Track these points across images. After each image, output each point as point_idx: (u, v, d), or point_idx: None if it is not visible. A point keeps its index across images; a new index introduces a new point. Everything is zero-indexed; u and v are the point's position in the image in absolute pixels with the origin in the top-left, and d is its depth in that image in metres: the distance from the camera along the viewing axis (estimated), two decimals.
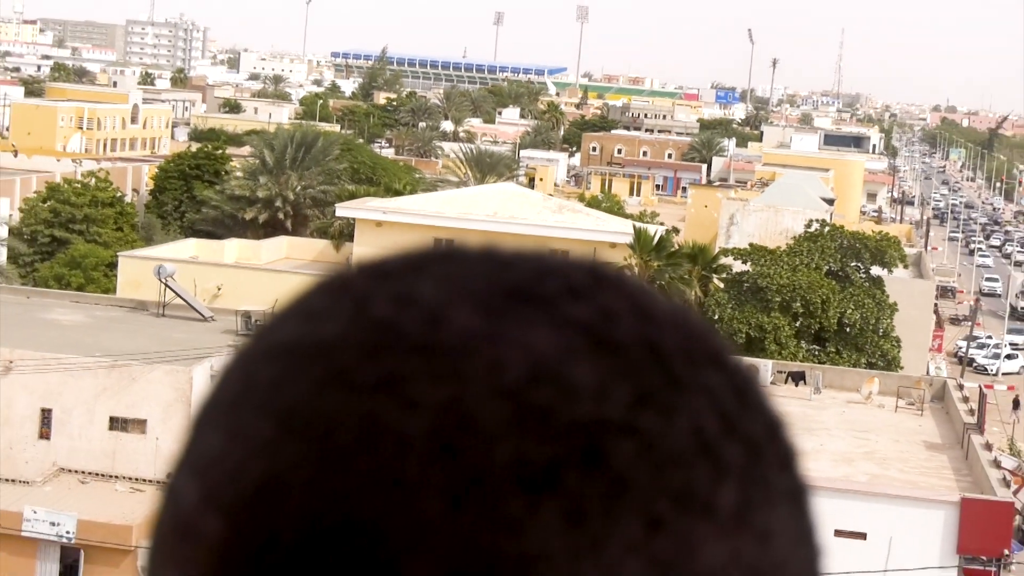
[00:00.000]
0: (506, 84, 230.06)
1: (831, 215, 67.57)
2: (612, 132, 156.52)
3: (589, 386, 0.66)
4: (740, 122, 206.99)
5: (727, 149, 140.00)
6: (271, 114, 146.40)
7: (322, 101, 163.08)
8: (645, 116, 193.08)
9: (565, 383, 0.66)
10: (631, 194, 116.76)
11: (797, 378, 42.06)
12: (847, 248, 51.90)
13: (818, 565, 0.71)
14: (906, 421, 39.19)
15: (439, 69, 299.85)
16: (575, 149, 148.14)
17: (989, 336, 78.42)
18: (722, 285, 51.10)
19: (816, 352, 48.23)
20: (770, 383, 40.52)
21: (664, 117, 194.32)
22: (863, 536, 30.69)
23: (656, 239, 53.82)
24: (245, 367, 0.71)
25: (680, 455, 0.66)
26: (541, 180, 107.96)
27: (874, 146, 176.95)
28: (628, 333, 0.68)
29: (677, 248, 54.98)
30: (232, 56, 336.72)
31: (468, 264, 0.71)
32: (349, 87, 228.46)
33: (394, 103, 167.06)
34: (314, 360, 0.68)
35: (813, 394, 40.81)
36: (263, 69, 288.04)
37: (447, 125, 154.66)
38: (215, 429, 0.70)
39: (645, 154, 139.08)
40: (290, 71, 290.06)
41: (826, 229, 53.19)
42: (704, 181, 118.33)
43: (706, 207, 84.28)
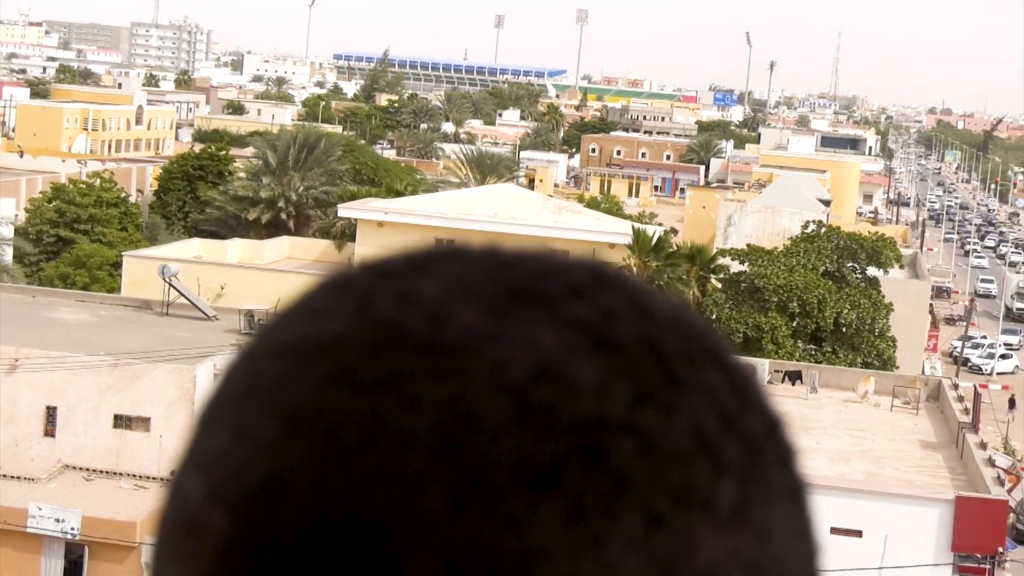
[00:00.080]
0: (506, 86, 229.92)
1: (828, 216, 67.51)
2: (611, 134, 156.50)
3: (590, 385, 0.66)
4: (738, 124, 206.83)
5: (725, 151, 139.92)
6: (274, 115, 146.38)
7: (324, 103, 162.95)
8: (644, 118, 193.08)
9: (566, 382, 0.66)
10: (630, 195, 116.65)
11: (794, 377, 42.06)
12: (843, 249, 51.86)
13: (816, 561, 0.71)
14: (902, 420, 39.17)
15: (440, 71, 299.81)
16: (574, 151, 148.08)
17: (984, 336, 78.36)
18: (720, 285, 51.05)
19: (813, 352, 48.20)
20: (767, 382, 40.50)
21: (663, 119, 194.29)
22: (859, 534, 30.68)
23: (655, 240, 53.78)
24: (250, 365, 0.71)
25: (680, 453, 0.66)
26: (541, 181, 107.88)
27: (870, 148, 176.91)
28: (629, 332, 0.68)
29: (675, 249, 54.91)
30: (236, 58, 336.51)
31: (470, 263, 0.71)
32: (351, 89, 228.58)
33: (396, 105, 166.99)
34: (318, 358, 0.68)
35: (810, 393, 40.79)
36: (266, 71, 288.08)
37: (448, 127, 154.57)
38: (220, 427, 0.70)
39: (644, 156, 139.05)
40: (293, 73, 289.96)
41: (823, 230, 53.15)
42: (702, 182, 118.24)
43: (704, 208, 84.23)
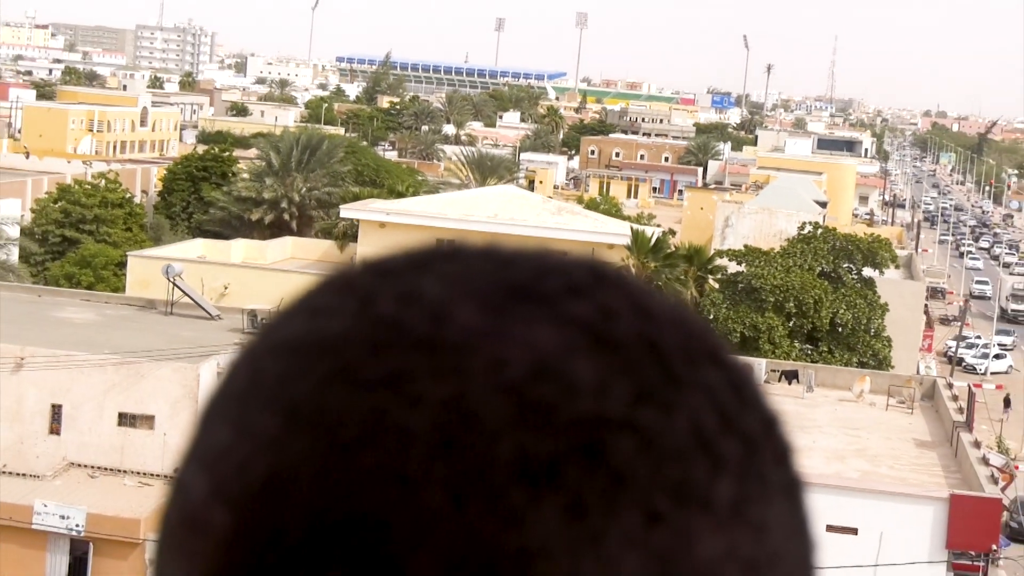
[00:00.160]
0: (507, 89, 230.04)
1: (824, 217, 67.52)
2: (610, 136, 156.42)
3: (589, 383, 0.66)
4: (735, 126, 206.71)
5: (722, 153, 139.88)
6: (277, 117, 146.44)
7: (327, 105, 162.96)
8: (642, 120, 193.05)
9: (566, 380, 0.65)
10: (629, 196, 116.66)
11: (790, 377, 42.05)
12: (839, 250, 51.85)
13: (812, 557, 0.71)
14: (897, 419, 39.16)
15: (441, 74, 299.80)
16: (574, 152, 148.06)
17: (978, 336, 78.36)
18: (717, 286, 51.05)
19: (809, 351, 48.20)
20: (764, 382, 40.51)
21: (661, 121, 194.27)
22: (854, 531, 30.68)
23: (653, 240, 53.81)
24: (252, 363, 0.71)
25: (679, 451, 0.66)
26: (541, 183, 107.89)
27: (866, 150, 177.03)
28: (628, 331, 0.68)
29: (673, 249, 54.91)
30: (239, 60, 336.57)
31: (470, 262, 0.71)
32: (353, 91, 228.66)
33: (397, 107, 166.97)
34: (319, 356, 0.67)
35: (806, 392, 40.78)
36: (269, 73, 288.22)
37: (449, 128, 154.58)
38: (223, 424, 0.69)
39: (642, 157, 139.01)
40: (296, 75, 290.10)
41: (819, 231, 53.13)
42: (700, 184, 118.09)
43: (702, 209, 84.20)
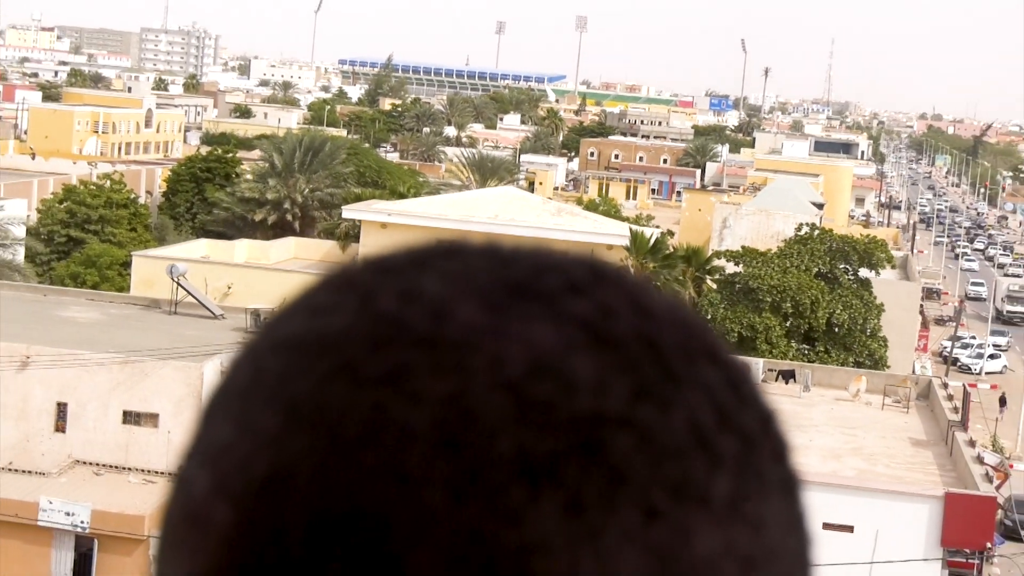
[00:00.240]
0: (507, 91, 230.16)
1: (820, 219, 67.52)
2: (609, 138, 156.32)
3: (588, 380, 0.65)
4: (733, 129, 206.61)
5: (720, 155, 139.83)
6: (280, 119, 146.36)
7: (329, 107, 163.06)
8: (641, 122, 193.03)
9: (565, 377, 0.65)
10: (628, 198, 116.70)
11: (787, 376, 42.04)
12: (836, 251, 51.83)
13: (808, 553, 0.71)
14: (892, 418, 39.15)
15: (443, 76, 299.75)
16: (574, 154, 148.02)
17: (973, 336, 78.35)
18: (715, 286, 51.06)
19: (806, 351, 48.18)
20: (761, 381, 40.40)
21: (660, 123, 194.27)
22: (850, 529, 30.67)
23: (652, 241, 53.83)
24: (254, 360, 0.70)
25: (677, 447, 0.65)
26: (541, 184, 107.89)
27: (862, 152, 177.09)
28: (627, 329, 0.68)
29: (672, 250, 54.93)
30: (243, 63, 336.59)
31: (470, 260, 0.71)
32: (356, 93, 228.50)
33: (399, 109, 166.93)
34: (321, 353, 0.67)
35: (803, 392, 40.77)
36: (273, 76, 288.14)
37: (450, 130, 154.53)
38: (225, 420, 0.69)
39: (641, 159, 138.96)
40: (299, 78, 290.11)
41: (815, 232, 53.11)
42: (698, 186, 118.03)
43: (700, 211, 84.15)
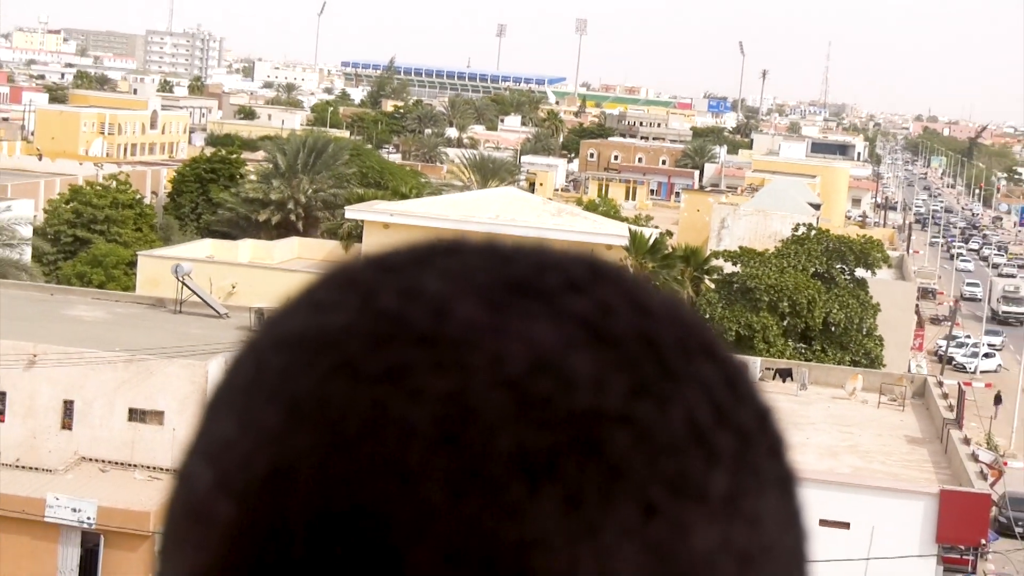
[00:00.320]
0: (508, 93, 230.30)
1: (817, 219, 67.49)
2: (609, 139, 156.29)
3: (587, 377, 0.65)
4: (731, 130, 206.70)
5: (719, 156, 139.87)
6: (284, 120, 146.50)
7: (332, 108, 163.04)
8: (640, 124, 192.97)
9: (564, 374, 0.65)
10: (627, 198, 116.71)
11: (784, 375, 42.06)
12: (832, 251, 51.84)
13: (805, 549, 0.71)
14: (888, 416, 39.17)
15: (444, 78, 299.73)
16: (573, 155, 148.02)
17: (968, 336, 78.36)
18: (713, 286, 51.07)
19: (802, 350, 48.18)
20: (759, 380, 40.42)
21: (659, 125, 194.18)
22: (847, 526, 30.66)
23: (651, 241, 53.86)
24: (255, 356, 0.70)
25: (674, 443, 0.65)
26: (541, 185, 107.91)
27: (859, 154, 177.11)
28: (625, 326, 0.68)
29: (671, 250, 54.97)
30: (247, 65, 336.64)
31: (470, 259, 0.71)
32: (358, 95, 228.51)
33: (401, 110, 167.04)
34: (322, 350, 0.67)
35: (800, 390, 40.78)
36: (276, 78, 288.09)
37: (452, 132, 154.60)
38: (227, 417, 0.69)
39: (640, 160, 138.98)
40: (302, 80, 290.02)
41: (812, 232, 53.12)
42: (696, 186, 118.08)
43: (698, 211, 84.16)
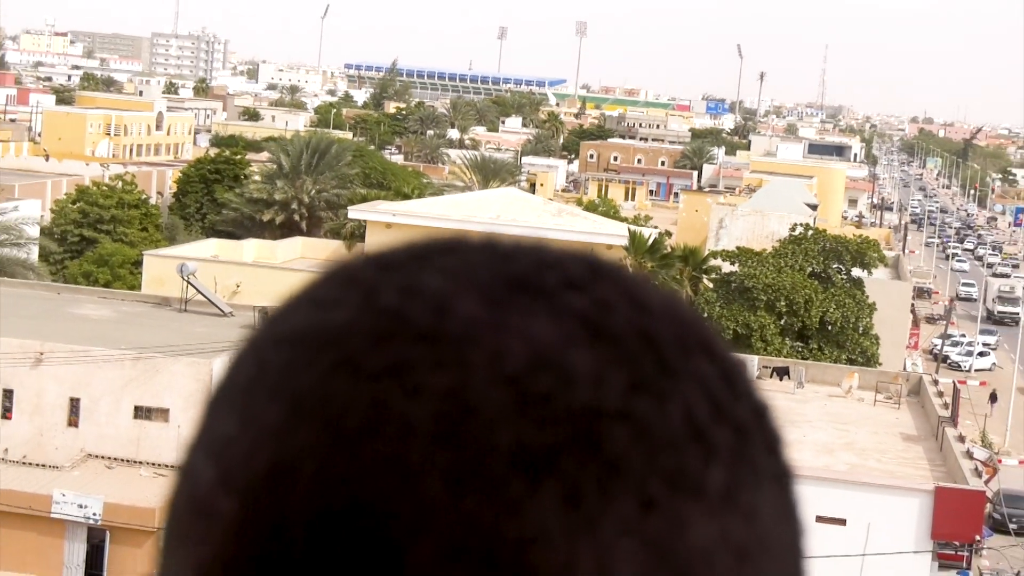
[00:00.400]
0: (509, 95, 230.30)
1: (814, 220, 67.43)
2: (608, 140, 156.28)
3: (586, 374, 0.65)
4: (729, 132, 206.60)
5: (717, 157, 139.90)
6: (287, 122, 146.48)
7: (336, 110, 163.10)
8: (640, 126, 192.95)
9: (563, 371, 0.65)
10: (626, 199, 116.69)
11: (781, 373, 42.08)
12: (829, 251, 51.85)
13: (801, 543, 0.71)
14: (884, 414, 39.18)
15: (446, 80, 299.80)
16: (573, 156, 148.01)
17: (963, 335, 78.37)
18: (711, 285, 51.08)
19: (799, 349, 48.20)
20: (756, 378, 40.41)
21: (658, 127, 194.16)
22: (843, 522, 30.66)
23: (650, 241, 53.87)
24: (257, 353, 0.70)
25: (672, 439, 0.65)
26: (541, 185, 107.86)
27: (855, 155, 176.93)
28: (624, 323, 0.68)
29: (669, 250, 54.99)
30: (251, 67, 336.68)
31: (470, 256, 0.71)
32: (361, 97, 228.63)
33: (403, 112, 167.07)
34: (323, 347, 0.67)
35: (796, 388, 40.81)
36: (280, 80, 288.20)
37: (453, 133, 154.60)
38: (229, 413, 0.69)
39: (639, 161, 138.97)
40: (306, 82, 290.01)
41: (809, 233, 53.13)
42: (695, 187, 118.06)
43: (697, 211, 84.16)
